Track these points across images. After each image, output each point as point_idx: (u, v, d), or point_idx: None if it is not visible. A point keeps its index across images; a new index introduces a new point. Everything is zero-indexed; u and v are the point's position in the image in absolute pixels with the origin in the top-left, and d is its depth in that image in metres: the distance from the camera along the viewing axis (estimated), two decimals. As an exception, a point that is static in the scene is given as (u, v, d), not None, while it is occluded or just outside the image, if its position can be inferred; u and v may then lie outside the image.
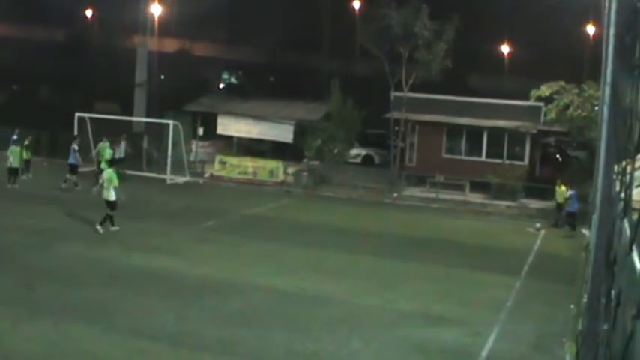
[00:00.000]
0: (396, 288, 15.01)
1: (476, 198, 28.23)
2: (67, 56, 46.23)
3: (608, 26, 8.46)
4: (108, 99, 44.05)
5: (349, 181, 29.47)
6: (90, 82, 44.93)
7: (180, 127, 30.18)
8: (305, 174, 30.10)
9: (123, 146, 29.63)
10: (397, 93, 30.73)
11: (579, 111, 26.25)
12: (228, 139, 35.43)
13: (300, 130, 32.21)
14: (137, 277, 14.67)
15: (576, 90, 26.79)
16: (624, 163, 7.13)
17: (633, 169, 6.64)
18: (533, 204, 27.21)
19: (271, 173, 30.46)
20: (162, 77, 44.08)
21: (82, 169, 26.78)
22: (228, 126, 34.26)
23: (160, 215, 22.00)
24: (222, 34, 55.18)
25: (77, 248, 16.73)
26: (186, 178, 29.80)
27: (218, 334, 11.47)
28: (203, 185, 29.92)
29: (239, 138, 35.02)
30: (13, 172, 25.05)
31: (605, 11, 14.13)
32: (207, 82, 51.58)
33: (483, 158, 30.26)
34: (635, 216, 5.50)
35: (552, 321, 13.13)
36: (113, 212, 18.53)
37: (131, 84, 38.41)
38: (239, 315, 12.60)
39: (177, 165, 29.62)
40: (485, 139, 30.28)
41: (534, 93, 27.74)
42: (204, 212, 22.97)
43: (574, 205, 22.86)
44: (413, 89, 30.45)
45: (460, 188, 28.72)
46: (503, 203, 27.38)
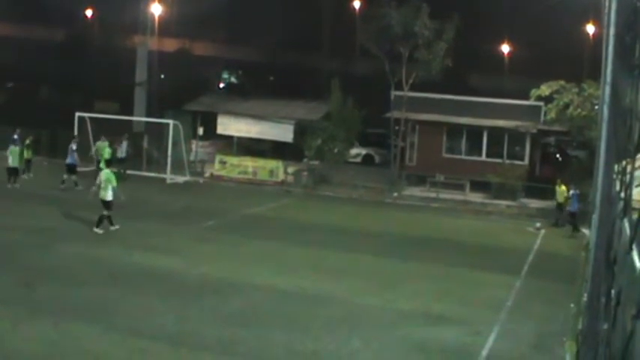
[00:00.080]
0: (396, 287, 15.01)
1: (476, 197, 28.22)
2: (67, 56, 46.26)
3: (608, 26, 8.46)
4: (108, 98, 44.01)
5: (349, 181, 29.46)
6: (90, 82, 44.95)
7: (180, 127, 30.18)
8: (305, 173, 30.09)
9: (124, 146, 29.61)
10: (397, 92, 30.72)
11: (579, 110, 26.26)
12: (228, 139, 35.41)
13: (300, 130, 32.18)
14: (137, 277, 14.67)
15: (576, 89, 26.79)
16: (624, 163, 7.14)
17: (633, 169, 6.64)
18: (533, 203, 27.19)
19: (271, 173, 30.45)
20: (162, 77, 44.10)
21: (82, 169, 26.80)
22: (228, 125, 34.23)
23: (160, 215, 22.00)
24: (222, 34, 55.17)
25: (77, 248, 16.73)
26: (186, 178, 29.80)
27: (218, 334, 11.46)
28: (203, 185, 29.92)
29: (239, 137, 34.98)
30: (13, 172, 25.07)
31: (605, 11, 14.12)
32: (207, 82, 51.62)
33: (483, 158, 30.25)
34: (635, 215, 5.50)
35: (552, 320, 13.13)
36: (110, 212, 18.54)
37: (131, 83, 38.37)
38: (239, 315, 12.60)
39: (177, 164, 29.61)
40: (485, 139, 30.28)
41: (534, 92, 27.75)
42: (204, 212, 22.97)
43: (574, 205, 22.84)
44: (413, 88, 30.44)
45: (460, 188, 28.71)
46: (503, 203, 27.38)
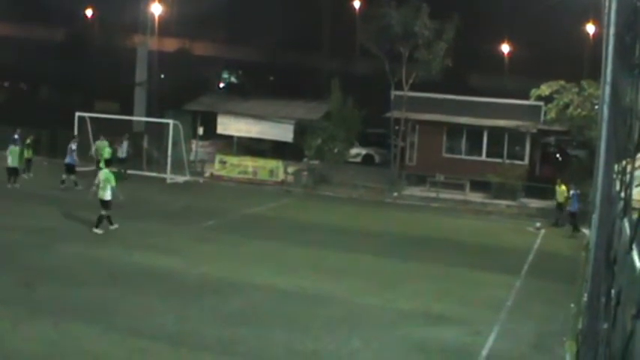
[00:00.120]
0: (396, 287, 15.00)
1: (476, 197, 28.21)
2: (67, 56, 46.27)
3: (608, 26, 8.46)
4: (108, 98, 44.05)
5: (349, 181, 29.46)
6: (90, 82, 44.95)
7: (180, 127, 30.17)
8: (305, 173, 30.08)
9: (125, 146, 29.62)
10: (397, 92, 30.71)
11: (579, 110, 26.26)
12: (228, 139, 35.42)
13: (300, 130, 32.17)
14: (137, 277, 14.66)
15: (576, 89, 26.79)
16: (624, 162, 7.14)
17: (633, 169, 6.64)
18: (533, 203, 27.18)
19: (271, 172, 30.45)
20: (162, 77, 44.10)
21: (82, 169, 26.80)
22: (228, 125, 34.23)
23: (160, 215, 21.99)
24: (222, 34, 55.17)
25: (77, 248, 16.72)
26: (186, 178, 29.80)
27: (218, 334, 11.46)
28: (203, 184, 29.91)
29: (239, 137, 34.98)
30: (12, 172, 25.06)
31: (605, 11, 14.13)
32: (207, 82, 51.62)
33: (483, 157, 30.25)
34: (635, 215, 5.50)
35: (552, 320, 13.12)
36: (108, 212, 18.54)
37: (131, 83, 38.39)
38: (239, 314, 12.59)
39: (177, 164, 29.61)
40: (485, 139, 30.28)
41: (534, 92, 27.75)
42: (204, 212, 22.96)
43: (574, 205, 22.83)
44: (413, 88, 30.44)
45: (460, 187, 28.71)
46: (503, 202, 27.38)
